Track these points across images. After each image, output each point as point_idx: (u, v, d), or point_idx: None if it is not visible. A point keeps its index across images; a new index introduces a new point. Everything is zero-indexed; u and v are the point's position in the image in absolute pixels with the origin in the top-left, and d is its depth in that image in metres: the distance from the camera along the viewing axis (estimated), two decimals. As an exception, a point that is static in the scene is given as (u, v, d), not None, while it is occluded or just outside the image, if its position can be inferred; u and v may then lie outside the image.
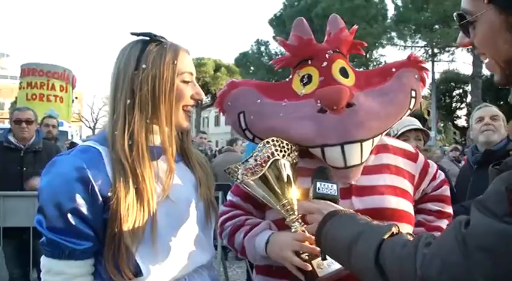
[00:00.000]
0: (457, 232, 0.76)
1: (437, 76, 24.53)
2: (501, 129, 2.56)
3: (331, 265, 1.14)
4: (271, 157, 1.23)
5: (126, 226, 1.04)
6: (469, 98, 23.05)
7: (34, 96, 11.90)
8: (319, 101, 1.30)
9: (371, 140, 1.30)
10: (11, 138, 3.74)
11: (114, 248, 1.05)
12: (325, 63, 1.36)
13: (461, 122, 27.97)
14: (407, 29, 20.06)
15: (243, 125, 1.37)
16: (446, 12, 17.78)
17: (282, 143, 1.27)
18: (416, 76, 1.41)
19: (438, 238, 0.81)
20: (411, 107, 1.39)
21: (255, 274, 1.43)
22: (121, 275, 1.05)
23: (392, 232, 0.91)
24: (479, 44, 0.86)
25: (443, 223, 1.46)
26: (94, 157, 1.08)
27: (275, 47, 27.65)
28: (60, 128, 10.46)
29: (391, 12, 21.64)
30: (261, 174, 1.21)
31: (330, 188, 1.17)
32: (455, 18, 0.89)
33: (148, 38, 1.16)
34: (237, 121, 1.38)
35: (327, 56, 1.37)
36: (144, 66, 1.12)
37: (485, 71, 21.08)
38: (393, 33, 20.68)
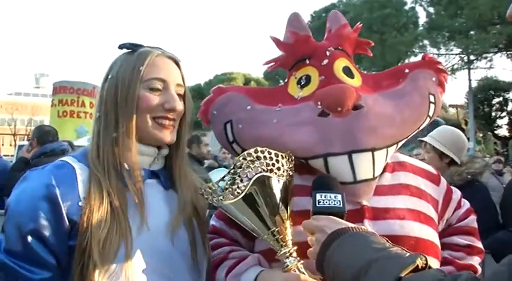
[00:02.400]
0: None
1: (474, 84, 23.58)
2: None
3: None
4: (252, 171, 0.98)
5: (95, 239, 0.90)
6: (510, 106, 22.02)
7: (65, 113, 12.20)
8: (319, 103, 1.09)
9: (384, 150, 1.07)
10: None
11: (82, 265, 0.91)
12: (325, 61, 1.15)
13: (503, 131, 26.74)
14: (440, 36, 19.44)
15: (229, 137, 1.15)
16: (483, 17, 17.12)
17: (270, 154, 1.01)
18: (433, 79, 1.19)
19: None
20: (430, 114, 1.16)
21: None
22: None
23: (417, 266, 0.72)
24: None
25: (475, 261, 1.20)
26: (67, 175, 0.97)
27: (304, 59, 27.58)
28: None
29: (422, 19, 21.15)
30: (242, 195, 0.97)
31: (333, 200, 0.96)
32: None
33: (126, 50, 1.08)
34: (223, 132, 1.16)
35: (327, 53, 1.16)
36: (110, 76, 1.05)
37: (527, 77, 20.10)
38: (426, 41, 20.08)
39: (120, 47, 1.08)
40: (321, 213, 0.94)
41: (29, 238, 0.90)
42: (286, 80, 1.23)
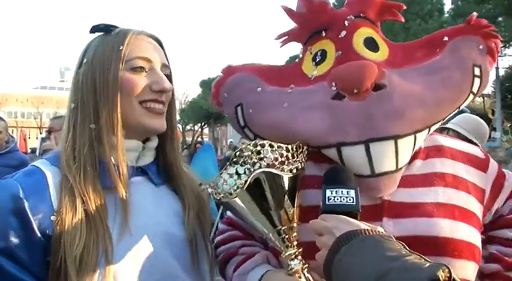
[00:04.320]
0: None
1: (502, 72, 22.79)
2: None
3: None
4: (251, 168, 0.88)
5: (70, 255, 0.81)
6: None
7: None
8: (334, 84, 0.96)
9: (412, 136, 0.93)
10: None
11: None
12: (343, 33, 1.01)
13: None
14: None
15: (241, 121, 1.05)
16: (511, 3, 16.51)
17: (272, 146, 0.91)
18: (480, 47, 1.01)
19: None
20: (474, 90, 1.00)
21: None
22: None
23: (438, 279, 0.61)
24: None
25: None
26: (37, 182, 0.88)
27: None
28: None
29: (448, 6, 20.53)
30: (236, 194, 0.87)
31: (345, 196, 0.85)
32: None
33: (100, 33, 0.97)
34: (234, 117, 1.07)
35: (346, 23, 1.02)
36: (85, 60, 0.95)
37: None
38: (451, 29, 19.58)
39: (93, 30, 0.97)
40: (332, 211, 0.84)
41: (1, 258, 0.82)
42: (300, 56, 1.10)
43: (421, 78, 0.98)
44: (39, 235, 0.83)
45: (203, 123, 48.09)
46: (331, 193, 0.85)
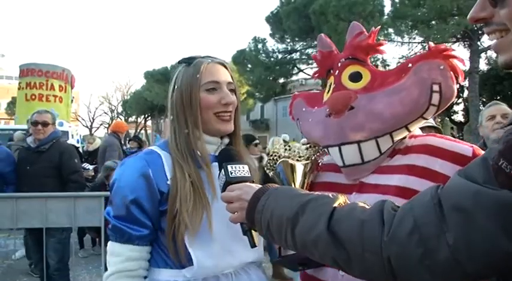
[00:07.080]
0: (434, 194, 0.75)
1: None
2: None
3: None
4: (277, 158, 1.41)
5: (184, 208, 1.18)
6: (465, 93, 23.04)
7: (33, 97, 11.91)
8: (327, 107, 1.41)
9: (373, 140, 1.29)
10: (29, 139, 4.00)
11: (174, 228, 1.18)
12: (337, 72, 1.43)
13: (458, 117, 27.91)
14: (404, 25, 20.02)
15: (300, 129, 1.57)
16: (443, 8, 17.77)
17: (293, 146, 1.42)
18: (441, 67, 1.22)
19: (410, 201, 0.80)
20: (434, 103, 1.24)
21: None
22: (177, 254, 1.20)
23: (340, 202, 0.88)
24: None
25: None
26: (155, 159, 1.27)
27: (272, 44, 27.70)
28: (61, 128, 10.55)
29: (387, 8, 21.65)
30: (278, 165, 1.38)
31: (242, 170, 1.13)
32: None
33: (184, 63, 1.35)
34: (297, 126, 1.58)
35: (339, 64, 1.43)
36: (176, 87, 1.32)
37: (482, 66, 21.14)
38: (390, 30, 20.64)
39: (180, 62, 1.36)
40: (235, 182, 1.09)
41: (131, 206, 1.20)
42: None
43: (384, 99, 1.30)
44: (157, 192, 1.21)
45: (147, 115, 47.09)
46: (232, 168, 1.11)
